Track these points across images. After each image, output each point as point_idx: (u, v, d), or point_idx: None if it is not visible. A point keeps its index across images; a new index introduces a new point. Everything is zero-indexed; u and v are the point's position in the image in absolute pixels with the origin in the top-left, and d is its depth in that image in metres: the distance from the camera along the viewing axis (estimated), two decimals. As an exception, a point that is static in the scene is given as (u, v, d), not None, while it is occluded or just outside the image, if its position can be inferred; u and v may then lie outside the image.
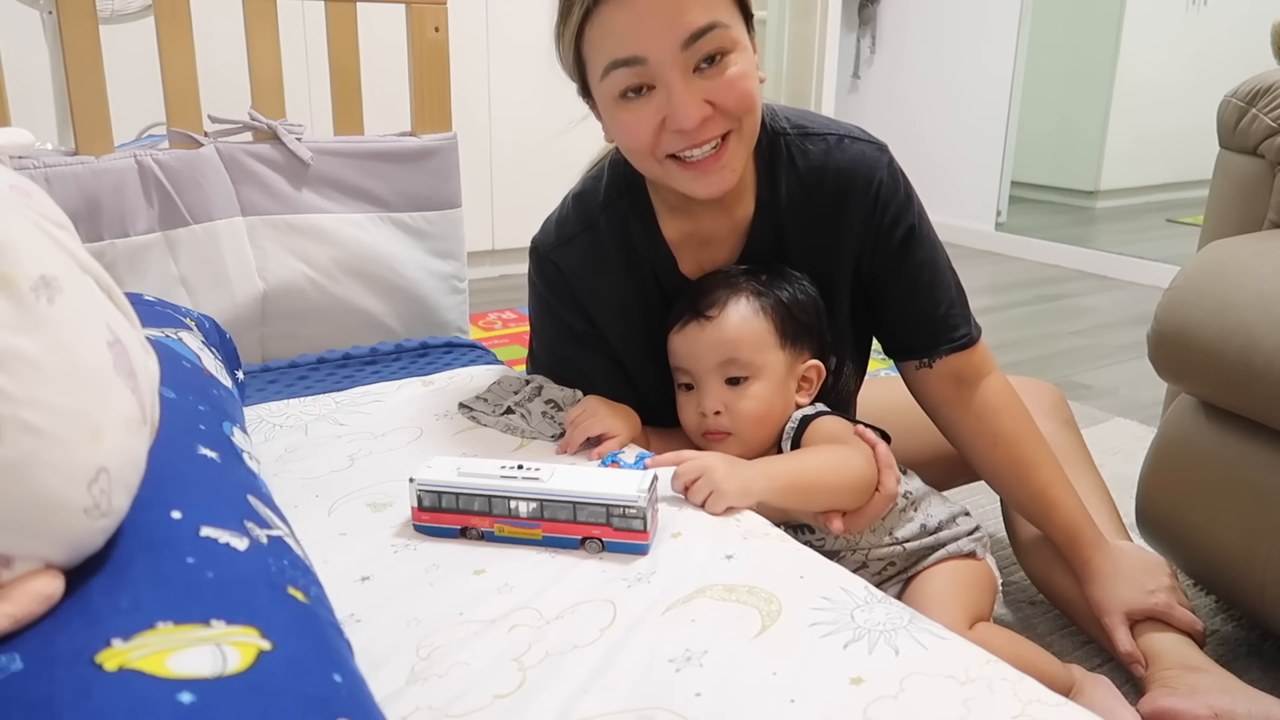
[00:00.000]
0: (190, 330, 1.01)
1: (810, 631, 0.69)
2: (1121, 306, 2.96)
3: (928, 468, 1.19)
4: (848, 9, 3.97)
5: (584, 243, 1.07)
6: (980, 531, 1.12)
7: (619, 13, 0.89)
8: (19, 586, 0.46)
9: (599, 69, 0.93)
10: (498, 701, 0.62)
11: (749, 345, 1.03)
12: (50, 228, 0.52)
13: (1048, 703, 0.62)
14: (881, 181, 1.04)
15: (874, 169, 1.04)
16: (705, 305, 1.04)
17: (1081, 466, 1.19)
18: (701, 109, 0.91)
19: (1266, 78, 1.17)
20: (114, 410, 0.50)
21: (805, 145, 1.05)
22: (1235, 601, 1.14)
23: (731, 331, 1.02)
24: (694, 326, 1.04)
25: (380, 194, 1.51)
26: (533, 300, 1.15)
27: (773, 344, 1.04)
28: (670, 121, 0.92)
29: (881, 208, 1.05)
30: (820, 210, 1.05)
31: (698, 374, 1.05)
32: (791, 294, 1.06)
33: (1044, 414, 1.20)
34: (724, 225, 1.07)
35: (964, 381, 1.10)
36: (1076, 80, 4.33)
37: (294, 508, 0.87)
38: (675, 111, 0.90)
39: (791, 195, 1.05)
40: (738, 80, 0.92)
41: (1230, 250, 1.11)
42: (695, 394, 1.06)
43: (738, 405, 1.03)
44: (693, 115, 0.90)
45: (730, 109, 0.93)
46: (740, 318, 1.03)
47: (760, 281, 1.05)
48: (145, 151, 1.33)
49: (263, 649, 0.47)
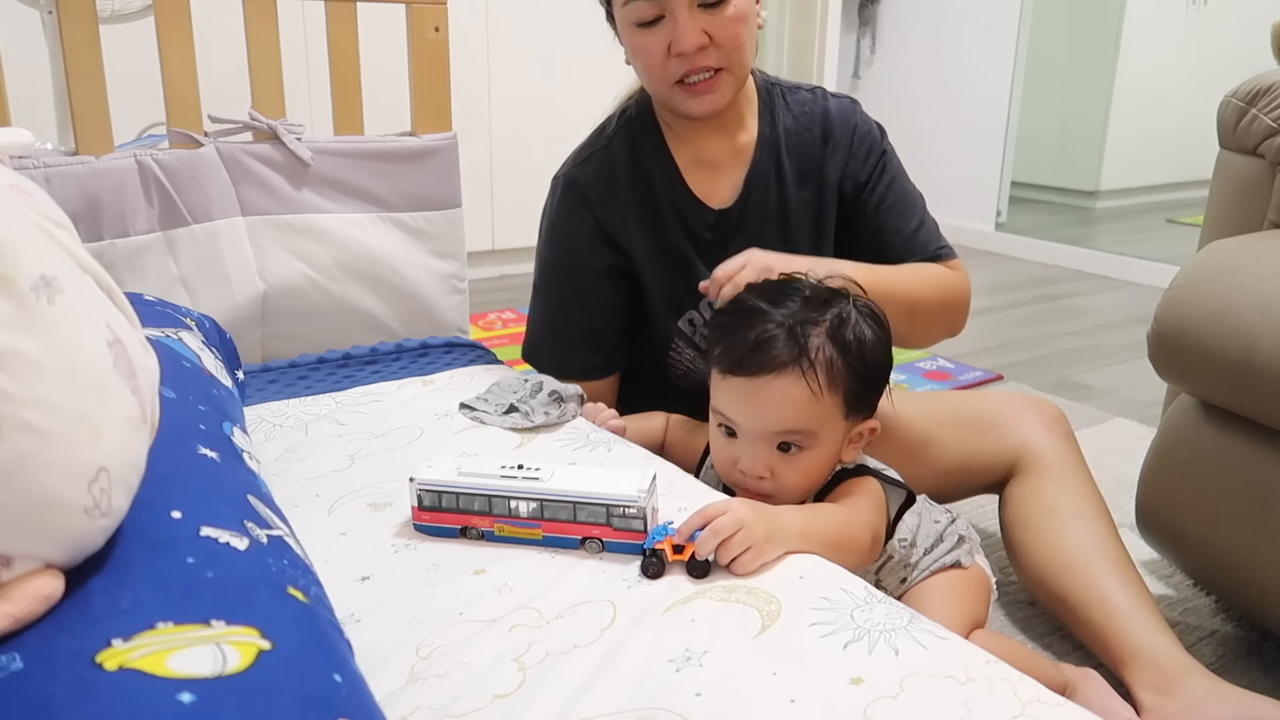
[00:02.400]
0: (190, 330, 1.01)
1: (810, 632, 0.68)
2: (1121, 306, 2.95)
3: (938, 480, 1.20)
4: (848, 9, 3.97)
5: (599, 158, 1.23)
6: (968, 541, 1.08)
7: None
8: (19, 586, 0.46)
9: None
10: (498, 701, 0.62)
11: (814, 420, 0.90)
12: (50, 228, 0.52)
13: (1048, 703, 0.62)
14: (858, 120, 1.26)
15: (852, 113, 1.26)
16: (770, 360, 0.89)
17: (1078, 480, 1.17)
18: (699, 37, 1.08)
19: (1266, 78, 1.17)
20: (114, 410, 0.50)
21: (795, 96, 1.27)
22: (1235, 601, 1.14)
23: (797, 405, 0.89)
24: (752, 384, 0.90)
25: (380, 194, 1.51)
26: (540, 260, 1.29)
27: (839, 416, 0.92)
28: (674, 46, 1.09)
29: (859, 138, 1.24)
30: (810, 143, 1.24)
31: (746, 432, 0.92)
32: (864, 339, 0.93)
33: (1044, 428, 1.20)
34: (727, 150, 1.23)
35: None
36: (1076, 80, 4.33)
37: (294, 507, 0.87)
38: (678, 38, 1.08)
39: (787, 130, 1.24)
40: (733, 21, 1.09)
41: (1230, 250, 1.11)
42: (736, 445, 0.94)
43: (787, 475, 0.92)
44: (691, 41, 1.08)
45: (723, 44, 1.10)
46: (809, 391, 0.89)
47: (834, 326, 0.91)
48: (145, 151, 1.33)
49: (263, 649, 0.47)
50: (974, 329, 2.70)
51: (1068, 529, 1.11)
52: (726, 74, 1.13)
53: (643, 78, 1.18)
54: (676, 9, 1.07)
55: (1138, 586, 1.05)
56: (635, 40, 1.12)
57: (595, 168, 1.23)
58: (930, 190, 1.34)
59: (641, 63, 1.15)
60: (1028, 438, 1.19)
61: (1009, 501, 1.19)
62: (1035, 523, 1.14)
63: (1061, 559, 1.09)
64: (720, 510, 0.78)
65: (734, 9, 1.09)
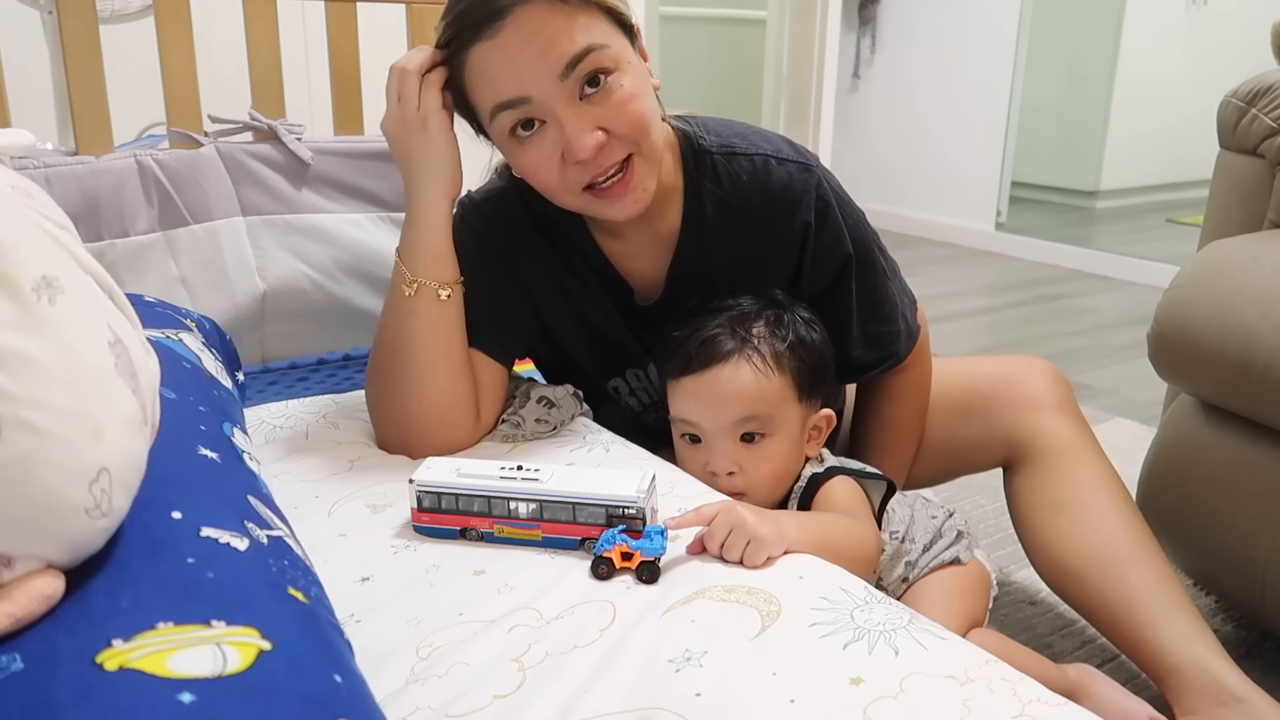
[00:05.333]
0: (190, 331, 1.01)
1: (810, 632, 0.69)
2: (1121, 306, 2.96)
3: (925, 469, 1.19)
4: (848, 9, 3.97)
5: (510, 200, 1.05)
6: (966, 537, 1.07)
7: (491, 54, 0.89)
8: (19, 586, 0.46)
9: (486, 111, 0.92)
10: (498, 701, 0.62)
11: (769, 401, 0.94)
12: (51, 228, 0.52)
13: (1048, 703, 0.62)
14: (811, 208, 1.02)
15: (801, 194, 1.02)
16: (716, 353, 0.95)
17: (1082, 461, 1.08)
18: (595, 136, 0.89)
19: (1266, 78, 1.17)
20: (115, 410, 0.50)
21: (731, 166, 1.02)
22: (1235, 601, 1.15)
23: (750, 387, 0.94)
24: (704, 378, 0.95)
25: (380, 194, 1.51)
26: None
27: (792, 398, 0.96)
28: (568, 154, 0.90)
29: (813, 237, 1.03)
30: (746, 230, 1.03)
31: (707, 430, 0.96)
32: (808, 336, 0.98)
33: (1039, 403, 1.10)
34: (647, 242, 1.05)
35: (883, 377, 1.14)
36: (1076, 80, 4.33)
37: (294, 508, 0.87)
38: (569, 144, 0.89)
39: (717, 214, 1.03)
40: (626, 103, 0.90)
41: (1230, 250, 1.11)
42: (703, 449, 0.97)
43: (754, 466, 0.95)
44: (588, 145, 0.88)
45: (623, 133, 0.91)
46: (757, 371, 0.94)
47: (771, 324, 0.97)
48: (145, 151, 1.33)
49: (263, 649, 0.47)
50: (974, 329, 2.71)
51: (1077, 525, 1.03)
52: (639, 159, 0.93)
53: (547, 195, 0.96)
54: (556, 110, 0.88)
55: (1165, 583, 0.97)
56: (519, 157, 0.93)
57: (503, 213, 1.06)
58: (930, 190, 1.33)
59: (539, 182, 0.95)
60: (1021, 420, 1.10)
61: (1013, 495, 1.12)
62: (1041, 520, 1.06)
63: (1076, 561, 1.02)
64: (714, 511, 0.79)
65: (622, 89, 0.89)
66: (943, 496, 1.40)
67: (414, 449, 1.01)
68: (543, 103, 0.89)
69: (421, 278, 0.99)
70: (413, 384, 1.00)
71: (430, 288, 0.99)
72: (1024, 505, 1.09)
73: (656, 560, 0.77)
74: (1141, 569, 0.99)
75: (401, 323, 1.00)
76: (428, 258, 0.99)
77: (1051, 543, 1.05)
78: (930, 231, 3.94)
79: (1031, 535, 1.08)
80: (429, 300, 0.99)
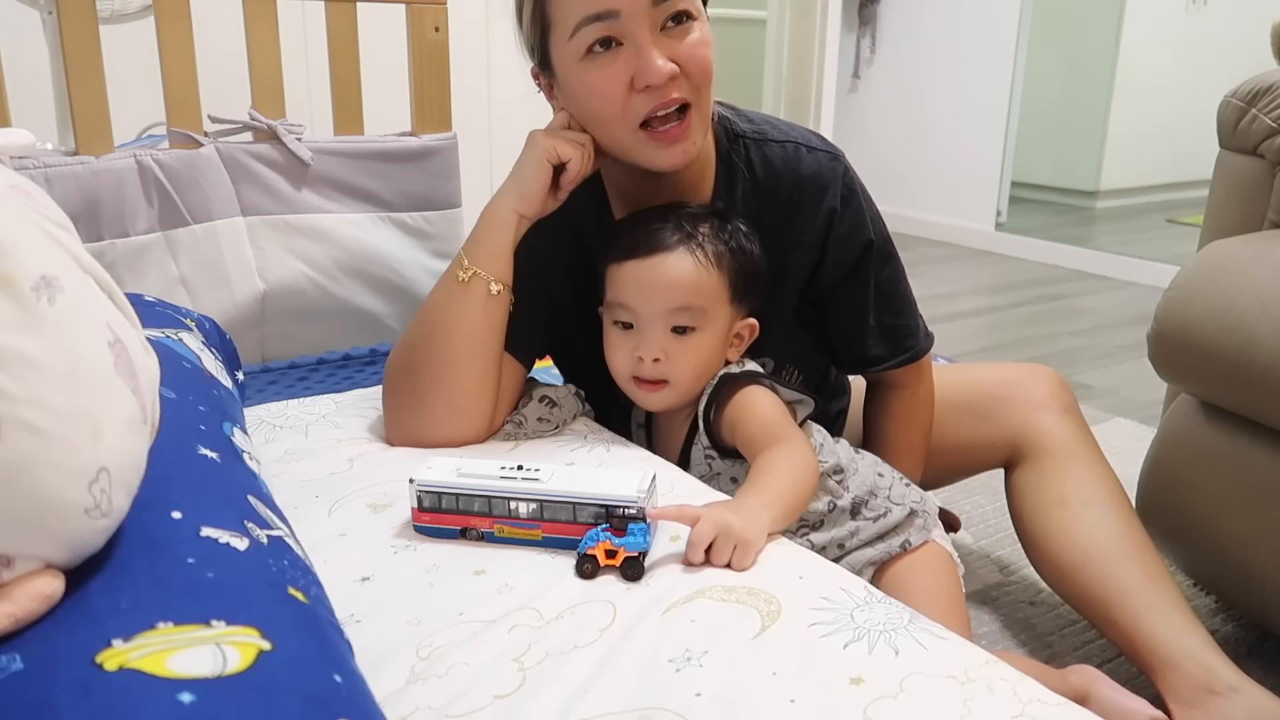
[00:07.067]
0: (190, 331, 1.01)
1: (810, 632, 0.69)
2: (1121, 306, 2.96)
3: (932, 465, 1.19)
4: (848, 9, 3.97)
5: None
6: (920, 515, 1.04)
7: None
8: (19, 586, 0.46)
9: (568, 27, 0.94)
10: (498, 701, 0.62)
11: (705, 295, 0.98)
12: (51, 228, 0.52)
13: (1048, 703, 0.62)
14: (838, 194, 1.06)
15: (829, 180, 1.06)
16: (662, 242, 0.98)
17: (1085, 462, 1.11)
18: (669, 65, 0.92)
19: (1266, 78, 1.17)
20: (114, 410, 0.50)
21: (764, 151, 1.06)
22: (1235, 601, 1.15)
23: (689, 278, 0.97)
24: (646, 263, 0.98)
25: (380, 194, 1.51)
26: None
27: (725, 298, 0.99)
28: (639, 78, 0.92)
29: (837, 238, 1.07)
30: (774, 216, 1.06)
31: (642, 315, 0.99)
32: (748, 245, 1.02)
33: (1044, 406, 1.14)
34: None
35: (894, 385, 1.15)
36: (1076, 80, 4.33)
37: (294, 508, 0.87)
38: (644, 66, 0.92)
39: (747, 198, 1.06)
40: (700, 45, 0.95)
41: (1230, 250, 1.11)
42: (633, 335, 1.00)
43: (680, 356, 0.98)
44: (661, 70, 0.91)
45: (692, 73, 0.94)
46: (698, 264, 0.98)
47: (715, 227, 1.00)
48: (145, 151, 1.33)
49: (263, 649, 0.47)
50: (974, 329, 2.71)
51: (1078, 520, 1.06)
52: (695, 114, 0.96)
53: (596, 125, 0.99)
54: (639, 32, 0.91)
55: (1161, 580, 1.00)
56: (587, 78, 0.95)
57: (551, 220, 1.06)
58: (930, 190, 1.34)
59: (596, 105, 0.96)
60: (1026, 420, 1.14)
61: (1014, 492, 1.14)
62: (1043, 515, 1.09)
63: (1075, 555, 1.04)
64: (696, 514, 0.78)
65: (699, 32, 0.95)
66: (943, 497, 1.40)
67: (426, 434, 1.02)
68: (630, 22, 0.91)
69: (478, 268, 1.01)
70: (445, 366, 1.01)
71: (484, 279, 1.01)
72: (1025, 502, 1.12)
73: (640, 556, 0.77)
74: (1137, 565, 1.02)
75: (449, 306, 1.02)
76: (488, 253, 1.02)
77: (1050, 537, 1.08)
78: (930, 231, 3.94)
79: (1031, 530, 1.11)
80: (480, 291, 1.01)
